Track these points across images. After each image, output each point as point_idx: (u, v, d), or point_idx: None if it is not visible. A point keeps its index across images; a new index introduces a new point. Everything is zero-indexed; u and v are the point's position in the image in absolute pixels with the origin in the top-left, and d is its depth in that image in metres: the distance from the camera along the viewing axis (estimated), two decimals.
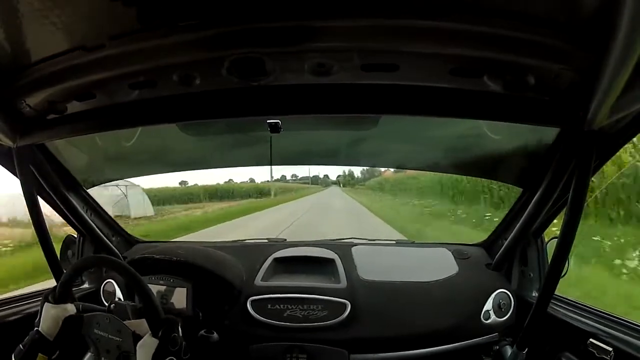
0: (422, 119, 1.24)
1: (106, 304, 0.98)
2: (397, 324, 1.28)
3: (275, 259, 1.49)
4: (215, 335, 1.18)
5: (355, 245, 1.60)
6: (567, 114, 0.75)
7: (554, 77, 0.69)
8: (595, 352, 1.00)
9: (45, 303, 0.93)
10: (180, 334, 0.88)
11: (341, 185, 44.25)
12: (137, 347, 0.84)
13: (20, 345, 0.89)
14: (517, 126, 1.07)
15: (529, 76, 0.70)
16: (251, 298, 1.30)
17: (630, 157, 4.79)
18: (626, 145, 1.20)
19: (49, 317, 0.91)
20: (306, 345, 1.26)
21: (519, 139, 1.22)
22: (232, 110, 0.87)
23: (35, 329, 0.91)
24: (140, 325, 0.88)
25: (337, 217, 12.87)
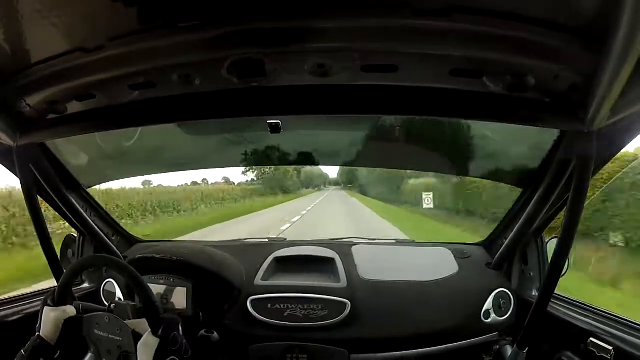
0: (422, 119, 1.24)
1: (106, 304, 0.98)
2: (397, 323, 1.28)
3: (276, 259, 1.49)
4: (215, 335, 1.18)
5: (356, 244, 1.60)
6: (567, 115, 0.75)
7: (554, 78, 0.69)
8: (595, 351, 1.00)
9: (45, 307, 0.93)
10: (181, 332, 0.89)
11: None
12: (138, 346, 0.84)
13: (22, 351, 0.89)
14: (517, 126, 1.06)
15: (529, 77, 0.70)
16: (251, 297, 1.31)
17: None
18: None
19: (49, 320, 0.91)
20: (306, 344, 1.26)
21: (519, 140, 1.22)
22: (232, 110, 0.87)
23: (37, 334, 0.91)
24: (141, 324, 0.88)
25: None
